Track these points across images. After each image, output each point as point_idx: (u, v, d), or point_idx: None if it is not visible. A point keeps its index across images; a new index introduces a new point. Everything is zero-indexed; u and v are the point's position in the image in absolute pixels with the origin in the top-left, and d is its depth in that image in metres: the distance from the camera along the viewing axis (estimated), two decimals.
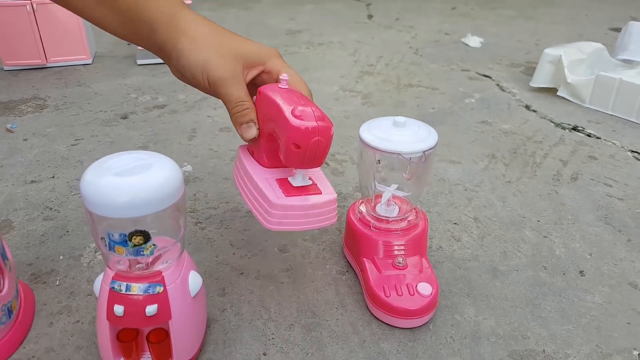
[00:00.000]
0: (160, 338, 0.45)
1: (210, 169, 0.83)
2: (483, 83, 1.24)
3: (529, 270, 0.60)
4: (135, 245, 0.41)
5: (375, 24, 1.84)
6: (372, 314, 0.53)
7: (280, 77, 0.47)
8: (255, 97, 0.49)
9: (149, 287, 0.43)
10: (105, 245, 0.41)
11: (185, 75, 0.48)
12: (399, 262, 0.53)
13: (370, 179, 0.56)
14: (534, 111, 1.08)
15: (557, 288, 0.57)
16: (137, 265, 0.44)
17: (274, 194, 0.46)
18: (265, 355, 0.49)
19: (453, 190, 0.77)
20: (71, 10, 0.48)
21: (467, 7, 2.14)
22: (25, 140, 0.91)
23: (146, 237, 0.41)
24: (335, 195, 0.48)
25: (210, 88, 0.47)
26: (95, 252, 0.62)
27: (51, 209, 0.69)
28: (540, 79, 1.17)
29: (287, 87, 0.47)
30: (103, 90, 1.13)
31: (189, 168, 0.82)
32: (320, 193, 0.47)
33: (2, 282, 0.47)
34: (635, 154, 0.89)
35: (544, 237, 0.67)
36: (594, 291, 0.57)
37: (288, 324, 0.52)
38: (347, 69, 1.34)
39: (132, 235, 0.40)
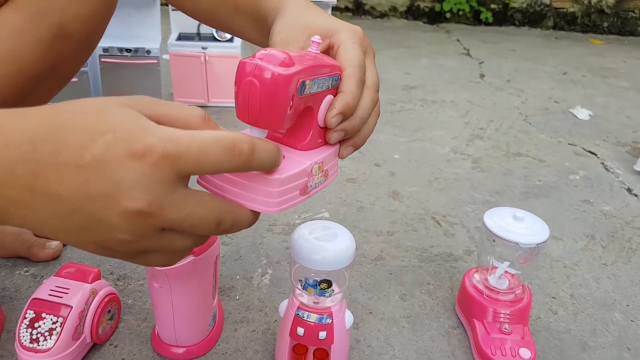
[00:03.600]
0: (323, 356, 0.62)
1: (341, 216, 1.00)
2: (588, 160, 1.33)
3: (614, 349, 0.71)
4: (322, 289, 0.58)
5: (487, 84, 1.96)
6: None
7: (311, 39, 0.41)
8: None
9: (322, 318, 0.60)
10: (301, 286, 0.59)
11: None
12: (505, 329, 0.66)
13: (487, 254, 0.70)
14: (635, 195, 1.16)
15: None
16: (315, 302, 0.61)
17: None
18: None
19: (554, 265, 0.88)
20: (226, 29, 0.60)
21: (579, 73, 2.20)
22: None
23: (329, 284, 0.58)
24: (275, 187, 0.37)
25: None
26: (262, 276, 0.80)
27: (226, 235, 0.90)
28: None
29: (315, 51, 0.41)
30: None
31: (326, 214, 0.99)
32: (272, 172, 0.37)
33: (215, 297, 0.66)
34: None
35: (631, 320, 0.77)
36: None
37: None
38: (459, 131, 1.47)
39: (321, 282, 0.58)
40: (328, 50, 0.46)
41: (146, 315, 0.70)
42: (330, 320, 0.60)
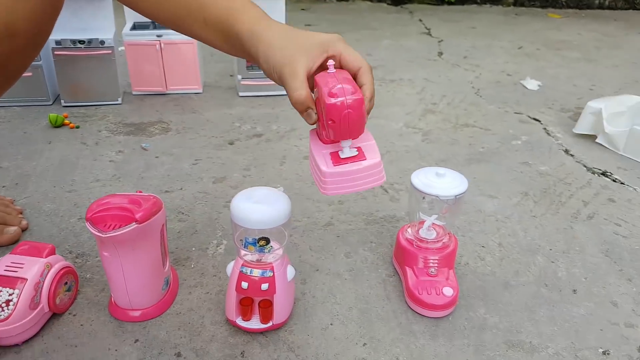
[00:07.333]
0: (267, 305, 0.69)
1: (296, 190, 1.07)
2: (532, 126, 1.42)
3: (533, 286, 0.80)
4: (260, 246, 0.65)
5: (444, 61, 2.03)
6: (408, 306, 0.75)
7: (327, 63, 0.55)
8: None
9: (264, 272, 0.67)
10: (242, 245, 0.66)
11: (267, 75, 0.59)
12: (432, 272, 0.74)
13: (417, 210, 0.78)
14: (572, 155, 1.25)
15: (552, 301, 0.77)
16: (258, 259, 0.68)
17: (325, 164, 0.57)
18: (332, 325, 0.72)
19: (486, 220, 0.97)
20: (192, 36, 0.66)
21: (533, 46, 2.28)
22: (157, 157, 1.20)
23: (267, 241, 0.66)
24: (378, 159, 0.57)
25: (280, 83, 0.57)
26: (217, 246, 0.87)
27: (183, 213, 0.96)
28: (583, 127, 1.33)
29: (334, 71, 0.54)
30: (212, 118, 1.42)
31: (281, 189, 1.06)
32: (365, 159, 0.57)
33: (165, 264, 0.73)
34: None
35: (552, 262, 0.85)
36: (580, 305, 0.76)
37: (348, 307, 0.75)
38: (413, 107, 1.55)
39: (259, 239, 0.65)
40: (327, 60, 0.57)
41: (103, 287, 0.77)
42: (272, 274, 0.67)
